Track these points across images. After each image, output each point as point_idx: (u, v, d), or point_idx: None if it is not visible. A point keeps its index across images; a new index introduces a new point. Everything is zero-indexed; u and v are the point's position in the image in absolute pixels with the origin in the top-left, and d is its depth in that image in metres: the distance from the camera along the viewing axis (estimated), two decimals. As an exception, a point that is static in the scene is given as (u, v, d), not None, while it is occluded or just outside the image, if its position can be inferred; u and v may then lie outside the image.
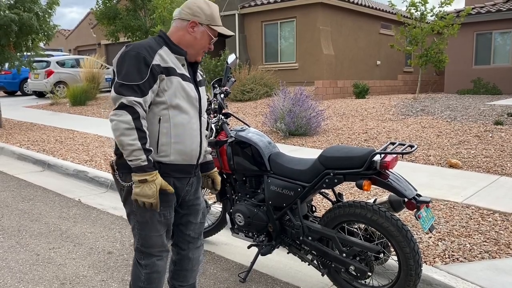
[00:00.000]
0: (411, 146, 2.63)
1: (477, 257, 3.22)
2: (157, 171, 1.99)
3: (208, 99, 3.22)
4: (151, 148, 1.98)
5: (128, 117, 1.89)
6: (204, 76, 2.45)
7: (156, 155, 2.04)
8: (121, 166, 2.06)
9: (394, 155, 2.58)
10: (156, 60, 1.99)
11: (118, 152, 2.06)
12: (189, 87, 2.10)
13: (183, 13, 2.12)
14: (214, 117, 3.25)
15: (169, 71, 2.02)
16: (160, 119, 2.02)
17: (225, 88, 3.30)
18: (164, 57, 2.03)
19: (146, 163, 1.92)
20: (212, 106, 3.26)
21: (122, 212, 4.59)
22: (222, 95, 3.27)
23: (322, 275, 2.85)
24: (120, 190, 2.14)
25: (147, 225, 2.11)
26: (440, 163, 5.88)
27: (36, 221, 4.29)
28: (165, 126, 2.03)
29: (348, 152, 2.68)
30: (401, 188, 2.52)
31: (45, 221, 4.28)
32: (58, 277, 3.15)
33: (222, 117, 3.24)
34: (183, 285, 2.42)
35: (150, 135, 2.02)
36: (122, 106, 1.90)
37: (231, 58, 3.33)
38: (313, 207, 3.16)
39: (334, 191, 2.97)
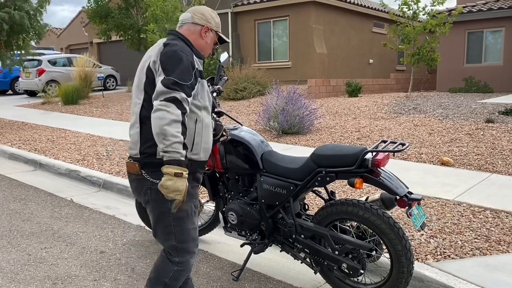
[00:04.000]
0: (403, 144, 2.64)
1: (469, 254, 3.24)
2: None
3: None
4: (188, 146, 2.09)
5: (178, 110, 1.96)
6: None
7: (189, 153, 2.14)
8: (150, 165, 2.10)
9: (386, 153, 2.59)
10: (196, 64, 2.13)
11: (146, 151, 2.10)
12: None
13: (196, 18, 2.26)
14: None
15: (201, 75, 2.18)
16: (196, 119, 2.16)
17: (217, 86, 3.30)
18: (197, 61, 2.17)
19: (184, 158, 1.98)
20: None
21: (114, 211, 4.57)
22: (215, 94, 3.26)
23: (315, 273, 2.86)
24: (145, 189, 2.14)
25: (185, 220, 2.15)
26: (432, 161, 5.91)
27: (28, 221, 4.26)
28: (199, 127, 2.18)
29: (340, 150, 2.69)
30: (392, 186, 2.53)
31: (36, 221, 4.25)
32: (50, 277, 3.13)
33: (215, 115, 3.23)
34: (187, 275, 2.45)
35: (188, 134, 2.11)
36: (174, 100, 1.96)
37: (223, 56, 3.33)
38: (306, 205, 3.17)
39: (326, 189, 2.98)
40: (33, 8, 9.55)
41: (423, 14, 12.57)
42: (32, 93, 17.54)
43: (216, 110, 3.25)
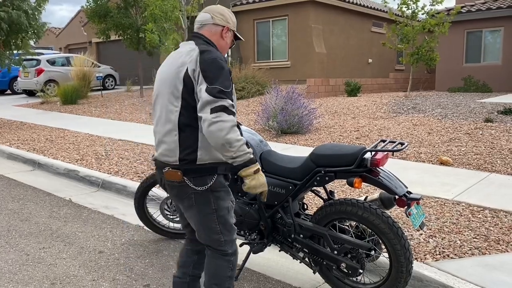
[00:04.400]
0: (402, 144, 2.64)
1: (467, 253, 3.24)
2: None
3: None
4: None
5: (230, 116, 2.01)
6: None
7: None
8: (191, 171, 2.13)
9: (385, 153, 2.58)
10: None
11: (186, 158, 2.11)
12: None
13: (217, 19, 2.26)
14: None
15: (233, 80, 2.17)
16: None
17: None
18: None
19: (252, 155, 2.08)
20: None
21: (113, 211, 4.57)
22: None
23: (314, 272, 2.86)
24: (188, 195, 2.18)
25: (227, 215, 2.27)
26: (431, 161, 5.91)
27: (26, 220, 4.25)
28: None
29: (339, 150, 2.68)
30: (391, 185, 2.53)
31: (35, 221, 4.24)
32: (48, 277, 3.12)
33: None
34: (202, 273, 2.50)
35: None
36: (223, 109, 2.00)
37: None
38: (305, 205, 3.16)
39: (325, 189, 2.97)
40: (31, 7, 9.53)
41: (422, 14, 12.58)
42: (30, 93, 17.51)
43: None
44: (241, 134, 2.12)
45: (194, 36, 2.27)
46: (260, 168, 2.08)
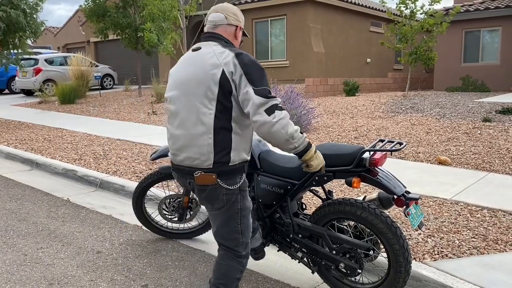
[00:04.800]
0: (400, 144, 2.63)
1: (466, 253, 3.24)
2: None
3: None
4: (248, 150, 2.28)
5: (283, 111, 2.10)
6: None
7: (247, 155, 2.26)
8: (224, 173, 2.15)
9: (383, 153, 2.58)
10: None
11: (221, 160, 2.12)
12: None
13: (231, 19, 2.28)
14: None
15: None
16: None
17: None
18: None
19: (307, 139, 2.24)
20: None
21: (111, 211, 4.56)
22: None
23: (312, 272, 2.85)
24: (220, 196, 2.19)
25: (247, 217, 2.32)
26: (429, 160, 5.91)
27: (24, 220, 4.24)
28: (252, 130, 2.33)
29: (338, 149, 2.68)
30: (390, 185, 2.52)
31: (33, 221, 4.23)
32: (46, 277, 3.11)
33: None
34: None
35: (248, 138, 2.25)
36: (276, 107, 2.08)
37: None
38: (303, 205, 3.16)
39: (324, 189, 2.97)
40: (29, 7, 9.51)
41: (421, 13, 12.59)
42: (28, 92, 17.48)
43: None
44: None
45: (212, 36, 2.24)
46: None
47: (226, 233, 2.28)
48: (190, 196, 3.55)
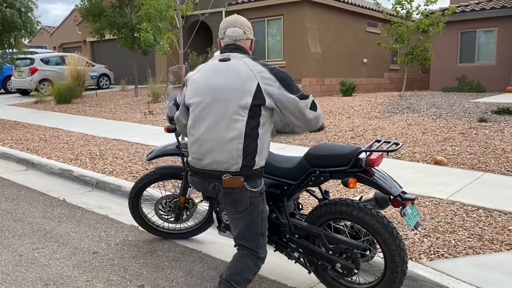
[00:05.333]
0: (397, 144, 2.64)
1: (462, 253, 3.25)
2: None
3: None
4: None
5: (316, 104, 2.47)
6: None
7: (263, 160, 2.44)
8: (251, 176, 2.31)
9: (380, 153, 2.59)
10: None
11: (248, 164, 2.28)
12: None
13: (248, 33, 2.54)
14: None
15: None
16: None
17: None
18: None
19: None
20: None
21: (107, 211, 4.54)
22: None
23: (309, 273, 2.85)
24: (245, 199, 2.34)
25: (266, 218, 2.50)
26: (426, 160, 5.93)
27: (20, 221, 4.22)
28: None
29: (334, 150, 2.68)
30: (386, 185, 2.53)
31: (28, 221, 4.21)
32: (41, 278, 3.10)
33: None
34: None
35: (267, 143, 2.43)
36: (314, 103, 2.44)
37: None
38: (300, 205, 3.16)
39: (320, 189, 2.97)
40: (24, 5, 9.47)
41: (417, 14, 12.63)
42: (24, 92, 17.41)
43: None
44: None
45: (237, 48, 2.47)
46: None
47: (248, 236, 2.42)
48: (187, 197, 3.54)
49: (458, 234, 3.57)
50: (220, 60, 2.41)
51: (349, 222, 2.75)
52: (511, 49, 14.00)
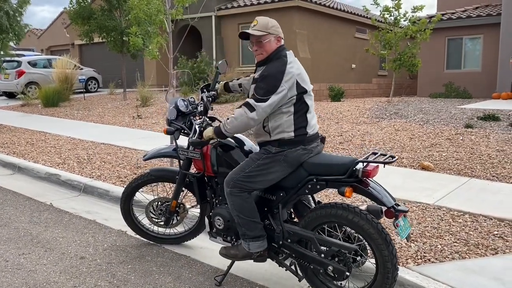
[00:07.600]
0: (392, 157, 2.69)
1: (448, 257, 3.29)
2: None
3: (194, 101, 3.39)
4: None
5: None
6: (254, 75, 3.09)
7: None
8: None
9: (376, 164, 2.64)
10: None
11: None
12: None
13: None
14: (200, 119, 3.28)
15: None
16: None
17: (213, 92, 3.39)
18: None
19: None
20: (198, 108, 3.30)
21: (95, 216, 4.51)
22: (210, 99, 3.31)
23: (299, 280, 2.87)
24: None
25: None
26: (413, 166, 5.99)
27: (5, 226, 4.16)
28: None
29: (332, 159, 2.74)
30: (380, 196, 2.58)
31: (14, 226, 4.16)
32: (27, 283, 3.06)
33: (207, 119, 3.27)
34: None
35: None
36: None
37: (221, 65, 3.43)
38: (292, 214, 3.17)
39: (313, 198, 3.01)
40: (12, 9, 9.37)
41: (404, 20, 12.77)
42: (11, 95, 17.19)
43: (209, 115, 3.30)
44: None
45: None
46: None
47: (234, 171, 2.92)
48: (178, 201, 3.53)
49: (445, 239, 3.61)
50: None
51: (343, 228, 2.78)
52: (496, 56, 14.22)
